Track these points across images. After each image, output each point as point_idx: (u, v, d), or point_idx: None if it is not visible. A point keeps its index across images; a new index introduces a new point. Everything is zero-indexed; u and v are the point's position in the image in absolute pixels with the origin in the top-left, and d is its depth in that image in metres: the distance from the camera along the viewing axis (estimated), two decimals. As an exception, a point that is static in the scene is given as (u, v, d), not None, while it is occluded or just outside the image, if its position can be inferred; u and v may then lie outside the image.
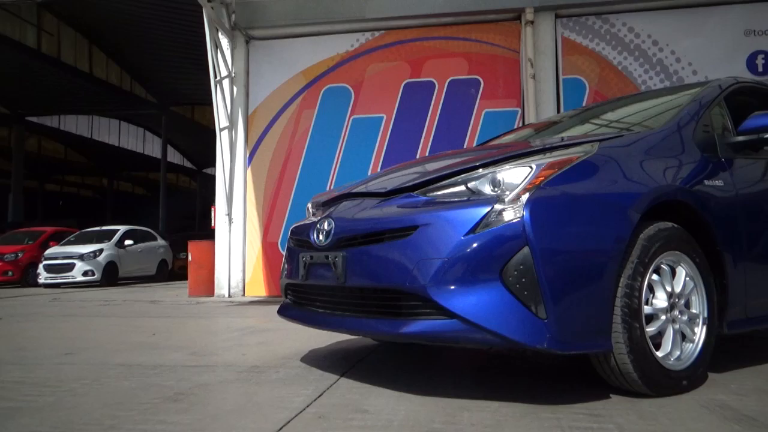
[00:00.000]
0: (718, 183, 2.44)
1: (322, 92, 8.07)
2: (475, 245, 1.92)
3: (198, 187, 33.62)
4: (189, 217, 32.17)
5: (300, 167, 8.01)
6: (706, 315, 2.27)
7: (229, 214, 7.97)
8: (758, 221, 2.61)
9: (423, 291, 1.96)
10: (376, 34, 8.02)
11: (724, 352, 2.94)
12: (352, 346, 3.40)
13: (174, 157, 33.61)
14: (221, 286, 7.95)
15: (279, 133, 8.11)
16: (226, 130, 8.02)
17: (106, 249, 12.53)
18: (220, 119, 7.91)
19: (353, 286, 2.26)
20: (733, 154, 2.63)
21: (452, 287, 1.92)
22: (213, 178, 8.53)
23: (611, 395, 2.11)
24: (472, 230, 1.93)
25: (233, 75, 8.13)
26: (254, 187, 8.09)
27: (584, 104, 7.19)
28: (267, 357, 3.08)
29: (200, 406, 2.10)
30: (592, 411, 1.92)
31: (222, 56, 7.95)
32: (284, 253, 2.91)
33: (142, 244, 13.82)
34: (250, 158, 8.14)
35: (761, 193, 2.67)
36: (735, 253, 2.42)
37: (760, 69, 7.11)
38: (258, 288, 7.94)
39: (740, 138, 2.68)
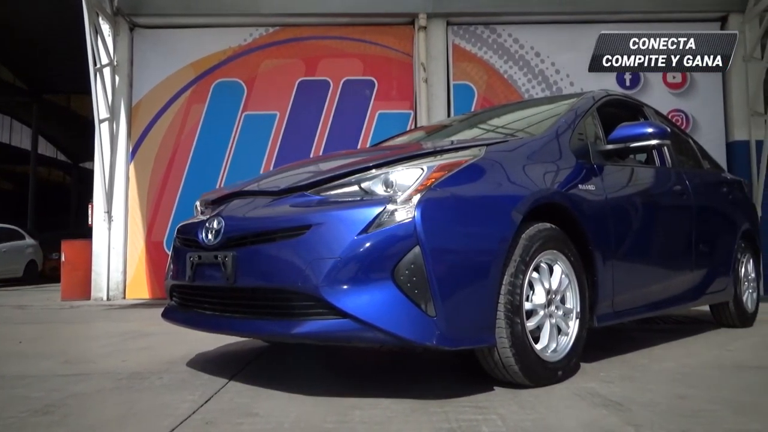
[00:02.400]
0: (591, 187, 2.64)
1: (212, 86, 7.79)
2: (367, 245, 1.94)
3: (74, 182, 31.18)
4: (63, 214, 29.76)
5: (188, 164, 7.68)
6: (579, 310, 2.44)
7: (109, 212, 7.48)
8: (624, 223, 2.85)
9: (315, 291, 1.95)
10: (271, 29, 7.88)
11: (594, 343, 3.19)
12: (243, 348, 3.32)
13: (47, 149, 30.92)
14: (99, 289, 7.43)
15: (165, 128, 7.72)
16: (107, 122, 7.51)
17: (-37, 249, 11.32)
18: (100, 110, 7.39)
19: (244, 287, 2.20)
20: (603, 160, 2.86)
21: (345, 287, 1.93)
22: (91, 173, 7.96)
23: (495, 387, 2.22)
24: (365, 230, 1.95)
25: (115, 63, 7.64)
26: (137, 183, 7.65)
27: (473, 109, 7.51)
28: (150, 362, 2.91)
29: (75, 417, 1.94)
30: (477, 403, 2.00)
31: (103, 43, 7.44)
32: (170, 253, 2.78)
33: (7, 244, 12.64)
34: (134, 153, 7.69)
35: (627, 198, 2.93)
36: (604, 253, 2.63)
37: (628, 83, 7.80)
38: (140, 290, 7.52)
39: (610, 146, 2.92)
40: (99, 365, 2.90)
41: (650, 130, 2.88)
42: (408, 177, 2.07)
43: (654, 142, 2.89)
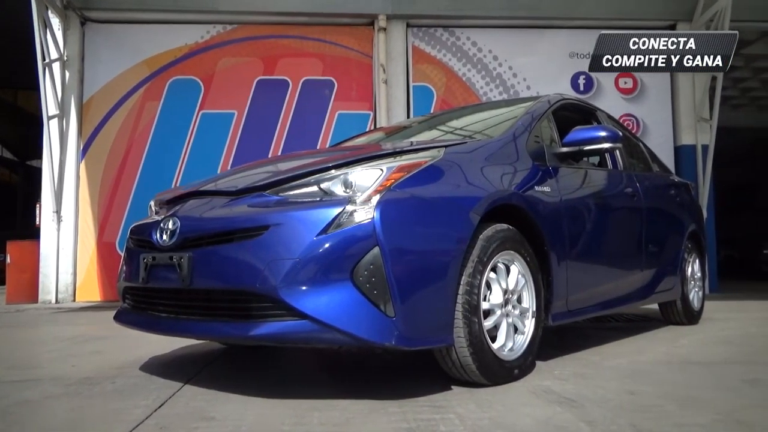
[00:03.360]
0: (546, 189, 2.70)
1: (168, 84, 7.62)
2: (327, 245, 1.93)
3: (20, 181, 29.97)
4: (8, 214, 28.57)
5: (142, 163, 7.49)
6: (534, 309, 2.49)
7: (58, 212, 7.22)
8: (578, 224, 2.93)
9: (274, 292, 1.93)
10: (229, 27, 7.76)
11: (549, 342, 3.26)
12: (198, 351, 3.25)
13: (-9, 146, 29.65)
14: (47, 291, 7.17)
15: (118, 126, 7.51)
16: (56, 119, 7.25)
17: None
18: (49, 107, 7.13)
19: (200, 288, 2.16)
20: (558, 163, 2.93)
21: (304, 288, 1.92)
22: (39, 171, 7.67)
23: (453, 387, 2.24)
24: (324, 230, 1.94)
25: (65, 59, 7.39)
26: (89, 182, 7.41)
27: (432, 111, 7.57)
28: (101, 367, 2.83)
29: (20, 426, 1.87)
30: (435, 403, 2.02)
31: (52, 37, 7.18)
32: (122, 254, 2.70)
33: (-54, 245, 12.03)
34: (84, 151, 7.45)
35: (581, 199, 3.00)
36: (559, 253, 2.69)
37: (582, 88, 8.00)
38: (91, 292, 7.28)
39: (564, 149, 2.99)
40: (47, 371, 2.80)
41: (603, 133, 2.97)
42: (367, 178, 2.07)
43: (606, 145, 2.97)
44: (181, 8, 7.54)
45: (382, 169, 2.09)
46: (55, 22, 7.28)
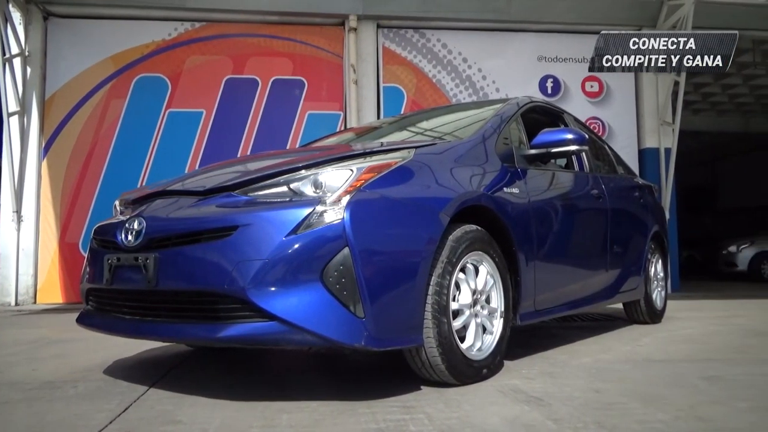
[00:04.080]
0: (515, 190, 2.73)
1: (134, 81, 7.47)
2: (296, 246, 1.92)
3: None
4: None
5: (107, 162, 7.32)
6: (503, 309, 2.52)
7: (18, 211, 7.01)
8: (545, 225, 2.97)
9: (242, 293, 1.91)
10: (197, 25, 7.65)
11: (517, 341, 3.30)
12: (165, 353, 3.20)
13: (-53, 143, 28.62)
14: (6, 293, 6.96)
15: (82, 123, 7.33)
16: (17, 116, 7.05)
17: None
18: (9, 103, 6.92)
19: (166, 290, 2.12)
20: (526, 164, 2.97)
21: (272, 289, 1.90)
22: (-2, 169, 7.45)
23: (422, 387, 2.25)
24: (294, 231, 1.93)
25: (27, 54, 7.17)
26: (51, 181, 7.21)
27: (402, 112, 7.59)
28: (63, 371, 2.76)
29: (-24, 432, 1.81)
30: (404, 403, 2.02)
31: (13, 32, 6.97)
32: (86, 255, 2.64)
33: None
34: (46, 149, 7.25)
35: (548, 201, 3.05)
36: (527, 254, 2.72)
37: (550, 91, 8.12)
38: (53, 294, 7.09)
39: (532, 151, 3.03)
40: (6, 375, 2.72)
41: (570, 136, 3.02)
42: (337, 178, 2.06)
43: (573, 147, 3.02)
44: (148, 4, 7.40)
45: (352, 170, 2.09)
46: (16, 16, 7.08)
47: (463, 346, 2.29)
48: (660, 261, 4.53)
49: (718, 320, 4.69)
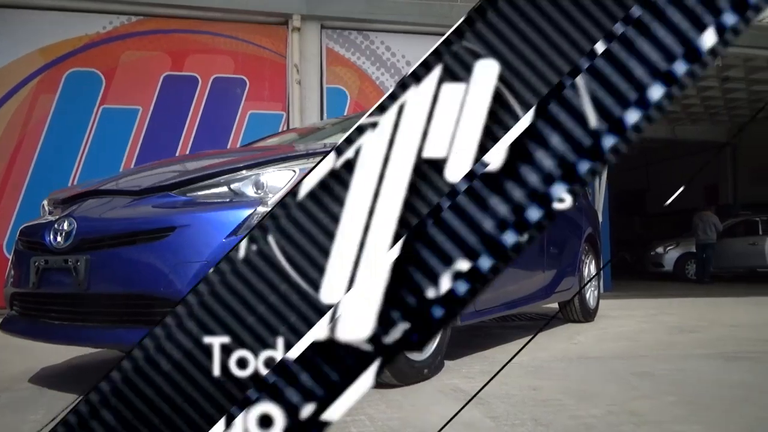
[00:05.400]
0: (456, 193, 2.77)
1: (65, 76, 7.14)
2: (236, 248, 1.88)
3: None
4: None
5: (34, 160, 6.96)
6: (444, 309, 2.55)
7: (-64, 211, 6.59)
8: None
9: (179, 296, 1.86)
10: (133, 19, 7.39)
11: (457, 341, 3.35)
12: (96, 359, 3.07)
13: None
14: None
15: (7, 119, 6.93)
16: (-66, 109, 6.62)
17: None
18: (-75, 95, 6.50)
19: (98, 293, 2.04)
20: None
21: (211, 291, 1.85)
22: None
23: (364, 388, 2.25)
24: (234, 232, 1.90)
25: (-55, 44, 6.75)
26: (-28, 179, 6.81)
27: (346, 113, 7.58)
28: (-16, 380, 2.60)
29: None
30: (346, 405, 2.02)
31: (-71, 19, 6.55)
32: (11, 258, 2.51)
33: None
34: (-32, 145, 6.84)
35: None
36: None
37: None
38: (-25, 299, 6.69)
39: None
40: None
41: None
42: (279, 179, 2.04)
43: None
44: (81, -4, 7.11)
45: (294, 170, 2.07)
46: (-67, 2, 6.65)
47: (405, 346, 2.30)
48: (593, 262, 4.71)
49: (648, 318, 4.91)
